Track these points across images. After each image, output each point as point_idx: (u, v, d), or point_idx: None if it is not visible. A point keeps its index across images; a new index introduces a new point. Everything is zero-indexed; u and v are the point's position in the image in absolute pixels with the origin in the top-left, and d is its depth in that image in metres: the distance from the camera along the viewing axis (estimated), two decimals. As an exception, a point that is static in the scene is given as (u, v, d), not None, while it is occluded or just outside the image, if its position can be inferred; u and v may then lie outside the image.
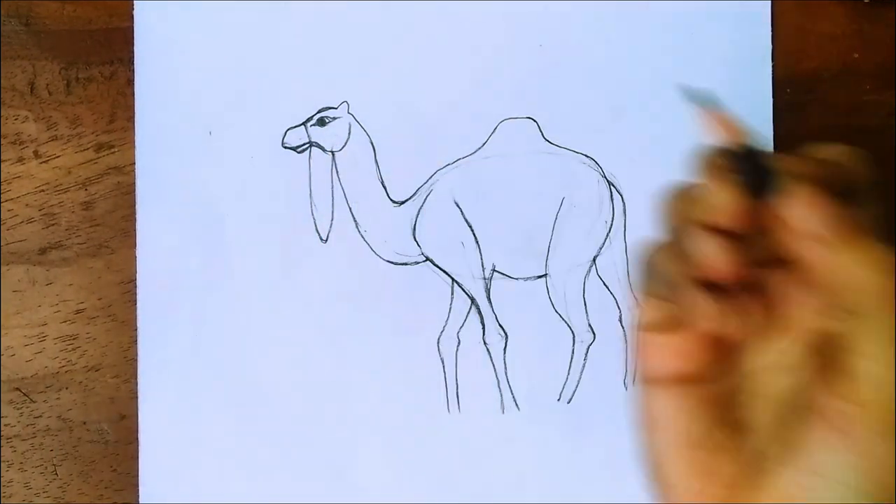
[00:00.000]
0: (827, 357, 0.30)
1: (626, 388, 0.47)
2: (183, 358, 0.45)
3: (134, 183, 0.46)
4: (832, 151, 0.31)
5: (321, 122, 0.46)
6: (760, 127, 0.47)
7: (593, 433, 0.46)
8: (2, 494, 0.45)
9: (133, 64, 0.46)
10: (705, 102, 0.31)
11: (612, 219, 0.46)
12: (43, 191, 0.46)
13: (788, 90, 0.47)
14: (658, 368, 0.33)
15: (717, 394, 0.32)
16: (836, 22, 0.48)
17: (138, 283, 0.45)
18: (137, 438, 0.45)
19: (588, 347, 0.46)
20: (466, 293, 0.46)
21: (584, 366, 0.46)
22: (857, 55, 0.48)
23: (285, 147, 0.46)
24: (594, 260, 0.47)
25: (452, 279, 0.46)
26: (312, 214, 0.46)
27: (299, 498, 0.46)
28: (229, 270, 0.46)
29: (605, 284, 0.47)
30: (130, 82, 0.46)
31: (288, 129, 0.46)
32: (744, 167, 0.29)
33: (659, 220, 0.33)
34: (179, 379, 0.45)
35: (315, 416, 0.46)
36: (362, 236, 0.46)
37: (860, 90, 0.48)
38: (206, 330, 0.45)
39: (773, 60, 0.47)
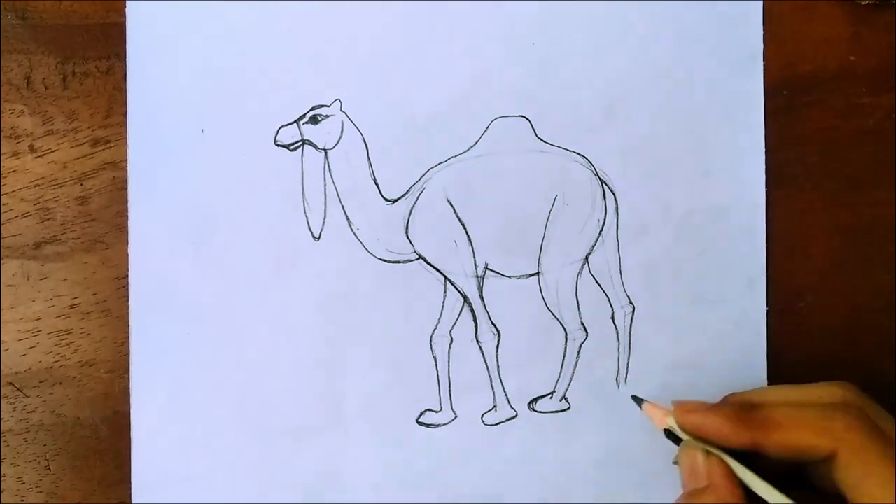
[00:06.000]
0: None
1: (619, 387, 0.47)
2: (175, 355, 0.45)
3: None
4: None
5: (314, 120, 0.46)
6: (751, 126, 0.47)
7: (585, 431, 0.46)
8: (-5, 488, 0.46)
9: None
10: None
11: (605, 217, 0.46)
12: (38, 185, 0.46)
13: (785, 92, 0.47)
14: None
15: None
16: (832, 25, 0.48)
17: (130, 279, 0.45)
18: (131, 434, 0.45)
19: (580, 346, 0.46)
20: (459, 291, 0.46)
21: (576, 364, 0.46)
22: (853, 58, 0.48)
23: (278, 145, 0.46)
24: (587, 258, 0.46)
25: (445, 277, 0.46)
26: (305, 212, 0.46)
27: (292, 496, 0.46)
28: (222, 268, 0.45)
29: (597, 283, 0.47)
30: (127, 77, 0.46)
31: (280, 127, 0.45)
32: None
33: None
34: (172, 376, 0.45)
35: (307, 413, 0.46)
36: (355, 234, 0.46)
37: (857, 93, 0.48)
38: (199, 327, 0.45)
39: (764, 61, 0.47)
